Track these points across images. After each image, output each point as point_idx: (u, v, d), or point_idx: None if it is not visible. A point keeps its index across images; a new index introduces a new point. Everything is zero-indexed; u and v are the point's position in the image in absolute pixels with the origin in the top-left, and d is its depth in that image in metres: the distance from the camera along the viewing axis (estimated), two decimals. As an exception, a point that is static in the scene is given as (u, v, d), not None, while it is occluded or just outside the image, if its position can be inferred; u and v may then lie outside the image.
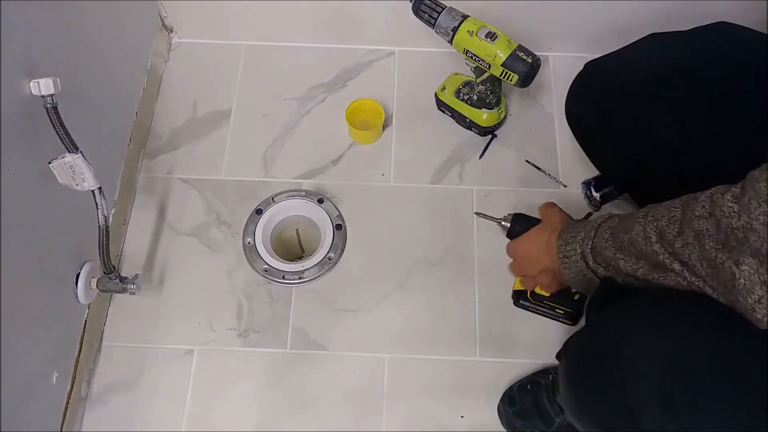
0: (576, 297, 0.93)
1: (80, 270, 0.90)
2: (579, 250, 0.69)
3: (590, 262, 0.68)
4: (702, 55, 0.75)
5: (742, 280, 0.49)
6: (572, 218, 0.82)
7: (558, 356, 0.92)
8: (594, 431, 0.64)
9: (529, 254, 0.80)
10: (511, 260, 0.84)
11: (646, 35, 0.83)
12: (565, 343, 0.70)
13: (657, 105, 0.76)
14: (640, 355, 0.56)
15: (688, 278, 0.56)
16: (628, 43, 0.85)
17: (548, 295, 0.91)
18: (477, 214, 0.96)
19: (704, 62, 0.74)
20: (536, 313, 1.00)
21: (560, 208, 0.84)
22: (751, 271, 0.49)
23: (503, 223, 0.89)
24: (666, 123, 0.74)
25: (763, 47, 0.72)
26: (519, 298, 1.00)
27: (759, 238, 0.48)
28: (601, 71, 0.86)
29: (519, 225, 0.86)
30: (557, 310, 0.96)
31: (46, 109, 0.73)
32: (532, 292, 0.96)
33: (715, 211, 0.52)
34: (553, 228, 0.75)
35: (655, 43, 0.81)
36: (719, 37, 0.77)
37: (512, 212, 0.89)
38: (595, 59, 0.88)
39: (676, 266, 0.57)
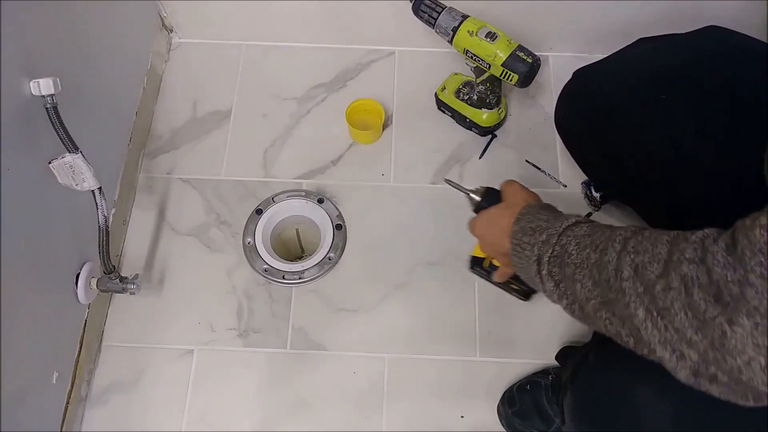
0: None
1: (80, 270, 0.90)
2: (535, 253, 0.60)
3: (543, 271, 0.59)
4: (693, 63, 0.73)
5: (734, 341, 0.44)
6: (539, 199, 0.73)
7: (557, 357, 0.92)
8: None
9: (486, 237, 0.73)
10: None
11: (635, 40, 0.81)
12: (564, 356, 0.69)
13: (647, 116, 0.73)
14: (652, 399, 0.55)
15: (642, 330, 0.49)
16: (622, 47, 0.83)
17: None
18: (446, 181, 0.86)
19: (695, 71, 0.72)
20: (490, 282, 0.97)
21: (522, 186, 0.75)
22: (745, 333, 0.43)
23: (472, 195, 0.80)
24: (656, 134, 0.72)
25: (753, 53, 0.71)
26: (474, 264, 0.96)
27: (757, 295, 0.43)
28: (589, 80, 0.84)
29: (488, 202, 0.78)
30: (512, 285, 0.95)
31: (46, 109, 0.73)
32: (490, 263, 0.93)
33: (706, 258, 0.46)
34: (514, 211, 0.68)
35: (644, 50, 0.79)
36: (709, 42, 0.75)
37: (485, 185, 0.80)
38: (583, 67, 0.85)
39: (640, 312, 0.49)
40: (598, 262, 0.53)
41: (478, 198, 0.79)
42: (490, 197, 0.78)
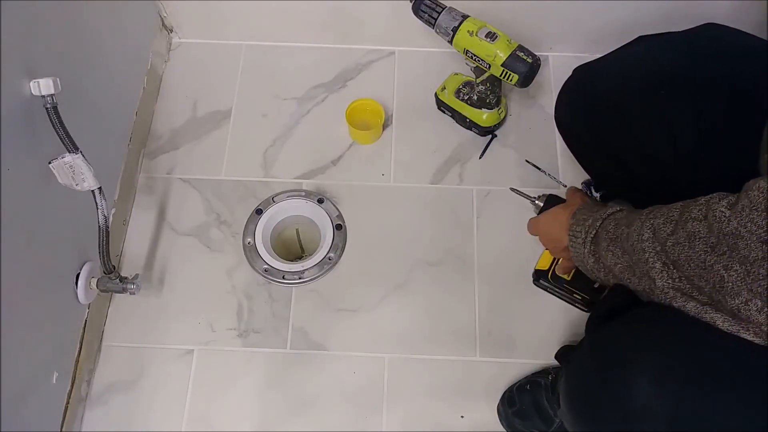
0: (596, 285, 0.92)
1: (80, 270, 0.90)
2: (583, 235, 0.70)
3: (586, 249, 0.69)
4: (691, 60, 0.73)
5: (730, 284, 0.51)
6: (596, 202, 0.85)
7: (557, 357, 0.92)
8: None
9: (548, 232, 0.82)
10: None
11: (635, 38, 0.82)
12: (564, 356, 0.70)
13: (646, 114, 0.74)
14: (645, 380, 0.55)
15: (666, 281, 0.58)
16: (619, 46, 0.83)
17: (568, 278, 0.90)
18: (512, 189, 1.00)
19: (693, 68, 0.72)
20: (554, 294, 0.97)
21: (584, 193, 0.89)
22: (739, 278, 0.50)
23: (537, 201, 0.93)
24: (655, 132, 0.73)
25: (750, 49, 0.71)
26: (539, 278, 0.96)
27: (746, 246, 0.50)
28: (589, 78, 0.84)
29: (552, 206, 0.88)
30: (575, 295, 0.95)
31: (46, 109, 0.73)
32: (553, 274, 0.93)
33: (708, 214, 0.54)
34: (572, 208, 0.76)
35: (644, 48, 0.80)
36: (708, 40, 0.75)
37: (546, 192, 0.93)
38: (583, 65, 0.86)
39: (657, 265, 0.58)
40: (628, 233, 0.62)
41: (541, 204, 0.92)
42: (553, 202, 0.90)
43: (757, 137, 0.62)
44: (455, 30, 1.01)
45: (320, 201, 1.10)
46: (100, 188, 0.80)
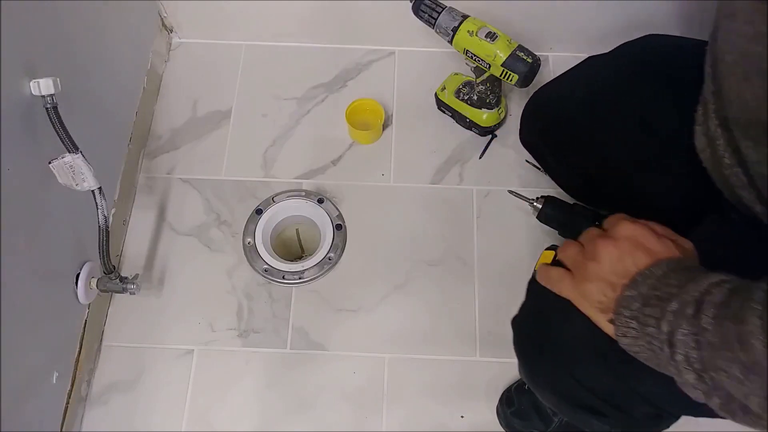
0: None
1: (80, 270, 0.90)
2: (665, 330, 0.45)
3: (678, 356, 0.44)
4: (631, 70, 0.76)
5: None
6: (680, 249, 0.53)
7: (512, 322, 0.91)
8: (547, 396, 0.68)
9: (640, 240, 0.51)
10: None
11: (585, 58, 0.85)
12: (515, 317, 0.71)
13: (595, 123, 0.77)
14: (576, 323, 0.55)
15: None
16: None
17: None
18: (510, 192, 0.96)
19: (633, 76, 0.75)
20: None
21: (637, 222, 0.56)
22: None
23: (535, 204, 0.89)
24: (607, 139, 0.76)
25: (686, 50, 0.72)
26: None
27: None
28: (542, 100, 0.89)
29: (550, 208, 0.87)
30: None
31: (46, 109, 0.73)
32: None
33: None
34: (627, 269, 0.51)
35: (588, 66, 0.83)
36: (643, 53, 0.78)
37: (545, 194, 0.90)
38: (538, 89, 0.90)
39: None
40: (740, 332, 0.39)
41: (539, 206, 0.87)
42: (552, 204, 0.87)
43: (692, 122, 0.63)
44: (455, 30, 1.00)
45: (320, 201, 1.10)
46: (100, 188, 0.80)
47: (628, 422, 0.64)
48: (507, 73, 0.99)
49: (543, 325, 0.64)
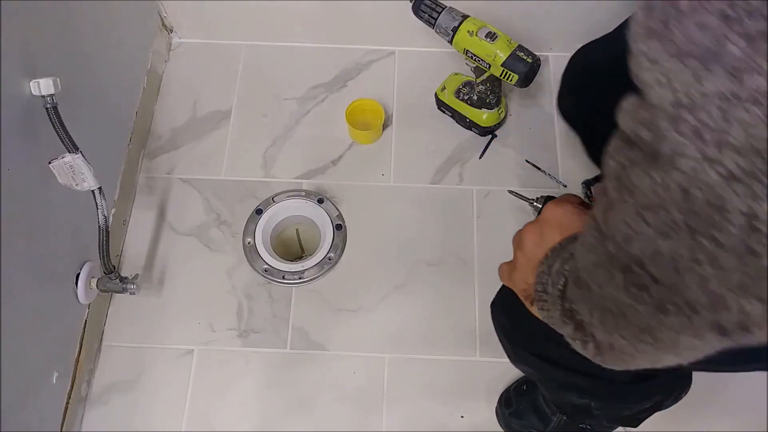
0: None
1: (80, 270, 0.90)
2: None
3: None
4: None
5: None
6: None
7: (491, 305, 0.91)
8: (527, 370, 0.73)
9: (559, 219, 0.51)
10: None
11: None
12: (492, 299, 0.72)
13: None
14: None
15: None
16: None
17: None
18: (510, 192, 0.96)
19: None
20: None
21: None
22: None
23: (535, 204, 0.90)
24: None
25: None
26: None
27: None
28: (587, 56, 0.86)
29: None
30: None
31: (46, 109, 0.73)
32: None
33: None
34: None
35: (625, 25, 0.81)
36: None
37: (545, 195, 0.89)
38: (579, 49, 0.87)
39: None
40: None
41: (540, 206, 0.86)
42: None
43: None
44: (455, 30, 1.01)
45: (320, 201, 1.10)
46: (100, 188, 0.80)
47: (608, 389, 0.67)
48: (507, 73, 0.99)
49: (508, 309, 0.67)
